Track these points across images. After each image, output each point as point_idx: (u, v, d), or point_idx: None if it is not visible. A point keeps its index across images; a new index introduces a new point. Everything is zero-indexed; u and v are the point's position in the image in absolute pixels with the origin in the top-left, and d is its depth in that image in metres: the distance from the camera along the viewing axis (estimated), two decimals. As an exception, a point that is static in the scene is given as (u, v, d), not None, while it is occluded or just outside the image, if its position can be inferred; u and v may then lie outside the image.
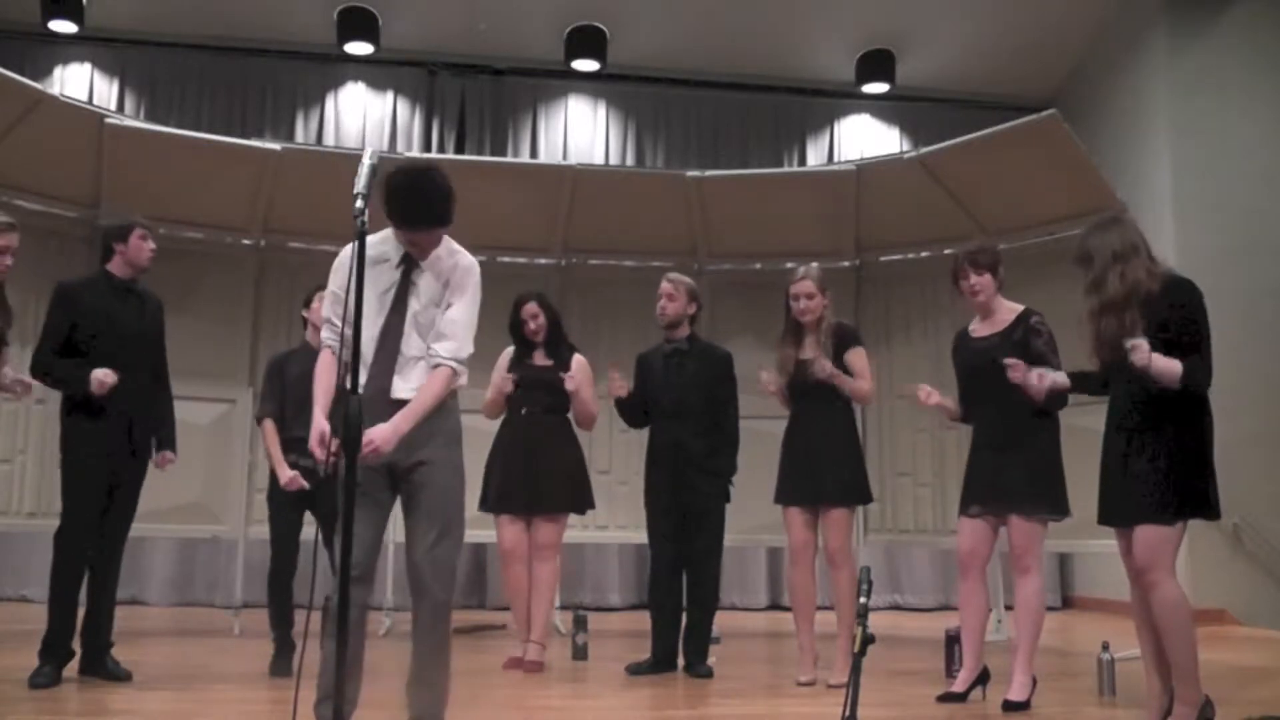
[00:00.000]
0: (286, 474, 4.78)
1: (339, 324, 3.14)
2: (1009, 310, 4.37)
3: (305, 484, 4.74)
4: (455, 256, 3.22)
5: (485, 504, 5.19)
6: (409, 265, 3.17)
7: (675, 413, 5.04)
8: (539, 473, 5.08)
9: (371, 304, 3.07)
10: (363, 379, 3.02)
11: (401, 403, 3.07)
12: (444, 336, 3.15)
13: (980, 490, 4.31)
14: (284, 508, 4.84)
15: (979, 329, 4.44)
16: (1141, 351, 3.43)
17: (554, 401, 5.19)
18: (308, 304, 5.02)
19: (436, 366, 3.13)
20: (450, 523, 3.14)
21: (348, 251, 3.08)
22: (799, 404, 4.78)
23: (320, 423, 3.02)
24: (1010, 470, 4.20)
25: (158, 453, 4.64)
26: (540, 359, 5.24)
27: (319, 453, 3.00)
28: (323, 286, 4.90)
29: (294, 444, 4.82)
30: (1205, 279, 3.71)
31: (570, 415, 5.28)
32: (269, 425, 4.90)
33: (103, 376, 4.27)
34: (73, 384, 4.37)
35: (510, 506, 5.12)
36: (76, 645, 4.38)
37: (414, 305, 3.15)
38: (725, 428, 5.05)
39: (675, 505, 5.00)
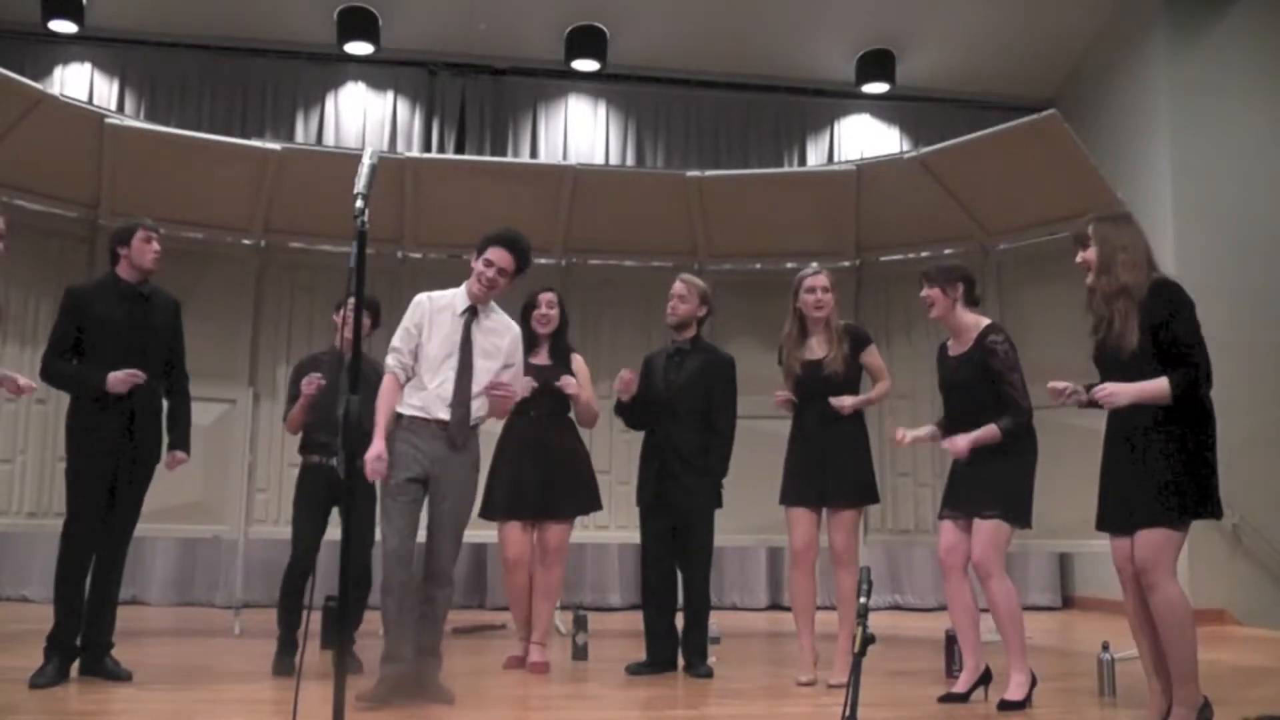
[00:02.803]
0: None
1: (409, 359, 4.05)
2: (974, 327, 4.39)
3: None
4: (511, 327, 4.27)
5: (492, 512, 5.06)
6: (470, 316, 4.12)
7: (669, 410, 5.01)
8: (551, 477, 4.99)
9: (440, 345, 4.06)
10: (421, 403, 4.03)
11: (474, 427, 4.13)
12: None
13: (950, 499, 4.40)
14: (312, 507, 4.85)
15: (952, 346, 4.49)
16: (1112, 396, 3.49)
17: (558, 402, 5.11)
18: (339, 309, 5.04)
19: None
20: (463, 528, 4.15)
21: (424, 298, 4.12)
22: (807, 405, 4.76)
23: (379, 446, 3.84)
24: (976, 480, 4.26)
25: (169, 453, 4.63)
26: (540, 358, 5.14)
27: (372, 472, 3.85)
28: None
29: (317, 446, 4.90)
30: (1204, 279, 3.73)
31: (572, 415, 5.24)
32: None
33: (122, 377, 4.26)
34: (84, 388, 4.36)
35: (520, 512, 5.03)
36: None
37: (477, 353, 4.10)
38: (719, 428, 5.01)
39: (664, 502, 4.98)
